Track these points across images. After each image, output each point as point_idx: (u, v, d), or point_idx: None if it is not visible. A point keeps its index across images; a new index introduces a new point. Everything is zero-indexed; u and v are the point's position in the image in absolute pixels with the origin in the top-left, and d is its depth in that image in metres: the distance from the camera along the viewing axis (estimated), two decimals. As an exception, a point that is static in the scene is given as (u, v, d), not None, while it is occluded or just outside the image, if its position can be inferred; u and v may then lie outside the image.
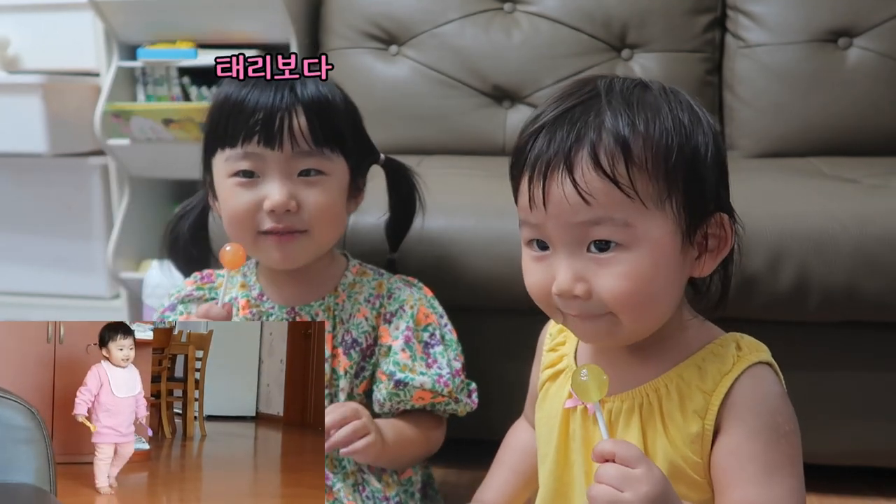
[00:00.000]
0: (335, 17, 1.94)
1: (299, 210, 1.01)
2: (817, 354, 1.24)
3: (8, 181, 2.08)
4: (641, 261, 0.71)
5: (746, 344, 0.78)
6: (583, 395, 0.72)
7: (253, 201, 1.01)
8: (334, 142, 1.03)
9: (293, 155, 1.00)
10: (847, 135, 1.71)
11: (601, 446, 0.69)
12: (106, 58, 1.95)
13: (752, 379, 0.75)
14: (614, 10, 1.82)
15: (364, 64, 1.91)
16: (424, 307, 1.12)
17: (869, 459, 1.32)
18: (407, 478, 1.13)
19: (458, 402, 1.11)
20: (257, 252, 1.05)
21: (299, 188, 1.01)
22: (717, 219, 0.75)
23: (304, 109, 1.00)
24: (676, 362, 0.77)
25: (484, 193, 1.37)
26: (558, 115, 0.72)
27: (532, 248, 0.76)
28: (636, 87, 0.74)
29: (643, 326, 0.75)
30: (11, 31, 2.01)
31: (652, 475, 0.67)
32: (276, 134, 0.99)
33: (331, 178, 1.04)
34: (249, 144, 1.00)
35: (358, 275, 1.14)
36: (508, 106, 1.86)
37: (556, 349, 0.91)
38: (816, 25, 1.74)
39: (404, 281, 1.15)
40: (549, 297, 0.75)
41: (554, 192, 0.71)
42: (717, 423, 0.74)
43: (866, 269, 1.16)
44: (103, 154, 1.97)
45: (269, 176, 1.01)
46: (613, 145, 0.69)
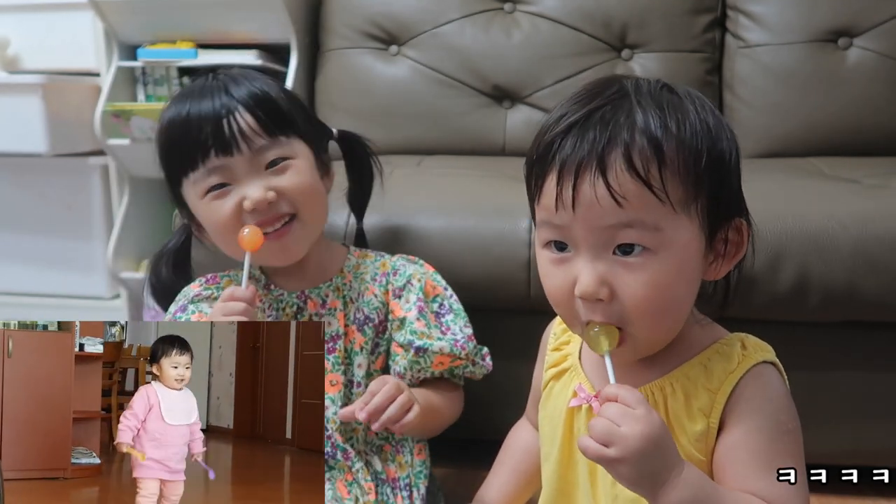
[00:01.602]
0: (335, 17, 1.94)
1: (280, 197, 1.01)
2: (817, 354, 1.24)
3: (8, 181, 2.08)
4: (667, 266, 0.70)
5: (751, 343, 0.78)
6: (595, 346, 0.72)
7: (233, 207, 1.01)
8: (287, 127, 1.04)
9: (253, 153, 1.01)
10: (847, 135, 1.71)
11: (606, 389, 0.70)
12: (106, 58, 1.95)
13: (757, 378, 0.75)
14: (614, 10, 1.81)
15: (364, 64, 1.90)
16: (431, 280, 1.14)
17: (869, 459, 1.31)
18: (421, 459, 1.14)
19: (476, 364, 1.13)
20: (259, 257, 1.05)
21: (271, 180, 1.01)
22: (735, 223, 0.75)
23: (245, 108, 1.01)
24: (682, 362, 0.78)
25: (484, 193, 1.37)
26: (587, 114, 0.71)
27: (550, 250, 0.75)
28: (662, 89, 0.74)
29: (658, 335, 0.75)
30: (11, 31, 2.01)
31: (651, 417, 0.67)
32: (229, 139, 0.99)
33: (298, 161, 1.04)
34: (209, 159, 1.00)
35: (360, 257, 1.16)
36: (508, 106, 1.86)
37: (561, 348, 0.90)
38: (816, 25, 1.74)
39: (406, 259, 1.17)
40: (571, 300, 0.73)
41: (585, 194, 0.69)
42: (722, 420, 0.74)
43: (866, 269, 1.16)
44: (103, 154, 1.97)
45: (239, 180, 1.01)
46: (647, 147, 0.69)
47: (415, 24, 1.89)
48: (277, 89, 1.07)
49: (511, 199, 1.31)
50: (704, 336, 0.80)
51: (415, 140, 1.85)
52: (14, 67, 2.03)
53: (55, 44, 2.01)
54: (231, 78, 1.04)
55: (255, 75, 1.06)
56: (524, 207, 1.26)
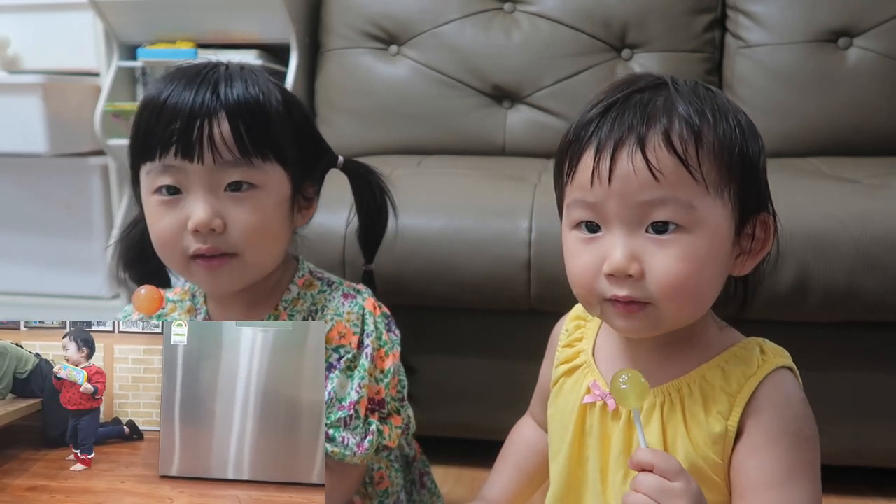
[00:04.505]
0: (335, 17, 1.94)
1: (226, 230, 0.89)
2: (817, 354, 1.24)
3: (8, 181, 2.08)
4: (700, 244, 0.71)
5: (770, 348, 0.79)
6: (622, 401, 0.72)
7: (177, 222, 0.90)
8: (267, 149, 0.91)
9: (217, 167, 0.88)
10: (847, 135, 1.71)
11: (640, 455, 0.69)
12: (106, 58, 1.95)
13: (776, 383, 0.75)
14: (614, 10, 1.82)
15: (364, 64, 1.91)
16: (343, 325, 0.98)
17: (869, 459, 1.32)
18: (384, 489, 1.08)
19: (331, 439, 0.94)
20: (190, 277, 0.95)
21: (226, 205, 0.90)
22: (762, 217, 0.77)
23: (227, 114, 0.88)
24: (699, 363, 0.78)
25: (484, 193, 1.37)
26: (625, 97, 0.73)
27: (580, 231, 0.75)
28: (698, 85, 0.76)
29: (683, 315, 0.75)
30: (11, 31, 2.01)
31: (690, 491, 0.67)
32: (194, 143, 0.87)
33: (264, 192, 0.91)
34: (167, 156, 0.88)
35: (304, 287, 1.02)
36: (508, 106, 1.86)
37: (573, 345, 0.90)
38: (816, 25, 1.74)
39: (348, 290, 1.03)
40: (594, 280, 0.73)
41: (622, 167, 0.70)
42: (740, 425, 0.75)
43: (866, 269, 1.16)
44: (103, 154, 1.97)
45: (192, 192, 0.89)
46: (685, 128, 0.70)
47: (415, 24, 1.89)
48: (278, 101, 0.94)
49: (511, 199, 1.31)
50: (722, 339, 0.80)
51: (415, 140, 1.85)
52: (14, 67, 2.03)
53: (55, 44, 2.01)
54: (229, 75, 0.91)
55: (259, 79, 0.94)
56: (524, 207, 1.28)
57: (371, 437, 0.96)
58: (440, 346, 1.32)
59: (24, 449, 0.95)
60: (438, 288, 1.26)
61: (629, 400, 0.71)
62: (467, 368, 1.34)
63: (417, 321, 1.13)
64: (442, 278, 1.25)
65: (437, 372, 1.28)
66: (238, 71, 0.94)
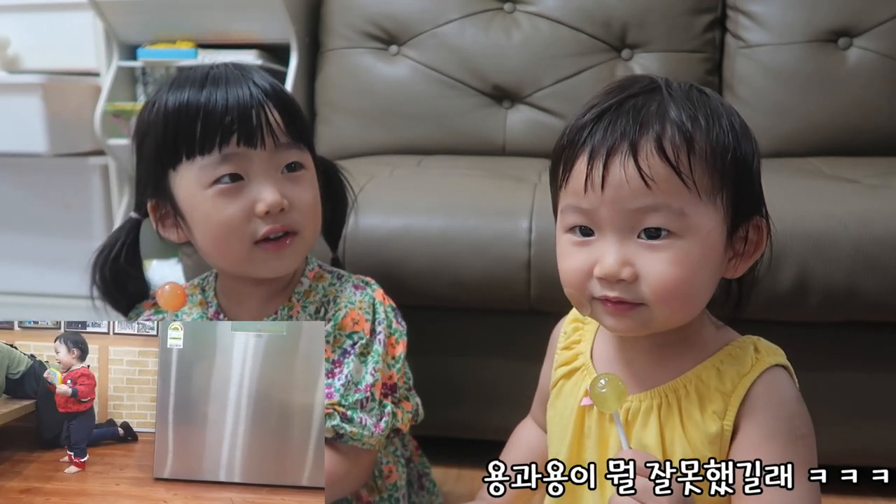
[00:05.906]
0: (335, 17, 1.94)
1: (290, 209, 0.96)
2: (817, 354, 1.23)
3: (8, 181, 2.09)
4: (692, 250, 0.71)
5: (764, 347, 0.79)
6: (601, 404, 0.73)
7: (242, 208, 0.94)
8: (304, 134, 1.00)
9: (276, 150, 0.95)
10: (847, 135, 1.70)
11: (624, 457, 0.70)
12: (106, 58, 1.95)
13: (770, 382, 0.75)
14: (614, 10, 1.81)
15: (364, 64, 1.90)
16: (356, 312, 1.02)
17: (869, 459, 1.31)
18: (392, 482, 1.10)
19: (349, 420, 0.98)
20: (249, 264, 0.97)
21: (285, 186, 0.96)
22: (755, 221, 0.77)
23: (273, 103, 0.96)
24: (695, 364, 0.78)
25: (484, 193, 1.36)
26: (618, 102, 0.73)
27: (574, 234, 0.75)
28: (692, 88, 0.76)
29: (675, 318, 0.75)
30: (11, 31, 2.02)
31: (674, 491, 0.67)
32: (255, 130, 0.93)
33: (309, 172, 1.00)
34: (228, 146, 0.93)
35: (315, 279, 1.07)
36: (508, 106, 1.86)
37: (571, 347, 0.90)
38: (816, 25, 1.74)
39: (357, 282, 1.07)
40: (585, 281, 0.74)
41: (614, 175, 0.71)
42: (736, 424, 0.75)
43: (866, 269, 1.16)
44: (103, 154, 1.97)
45: (254, 177, 0.95)
46: (678, 135, 0.71)
47: (415, 24, 1.89)
48: (291, 94, 1.03)
49: (511, 199, 1.31)
50: (717, 338, 0.80)
51: (415, 140, 1.85)
52: (14, 67, 2.03)
53: (55, 44, 2.02)
54: (242, 71, 0.97)
55: (265, 73, 1.00)
56: (524, 207, 1.28)
57: (387, 419, 1.01)
58: (440, 346, 1.32)
59: (18, 451, 0.95)
60: (438, 288, 1.26)
61: (608, 403, 0.72)
62: (467, 368, 1.34)
63: (417, 321, 1.13)
64: (442, 278, 1.25)
65: (436, 372, 1.28)
66: (246, 68, 0.99)
